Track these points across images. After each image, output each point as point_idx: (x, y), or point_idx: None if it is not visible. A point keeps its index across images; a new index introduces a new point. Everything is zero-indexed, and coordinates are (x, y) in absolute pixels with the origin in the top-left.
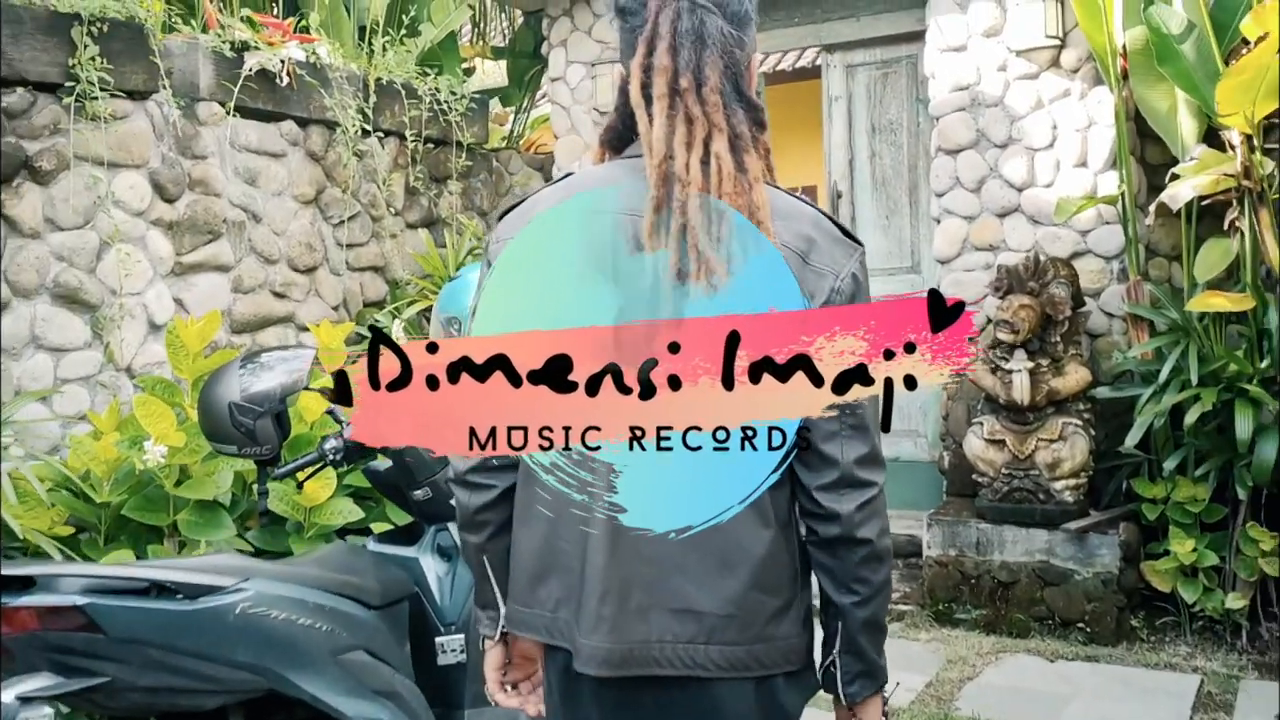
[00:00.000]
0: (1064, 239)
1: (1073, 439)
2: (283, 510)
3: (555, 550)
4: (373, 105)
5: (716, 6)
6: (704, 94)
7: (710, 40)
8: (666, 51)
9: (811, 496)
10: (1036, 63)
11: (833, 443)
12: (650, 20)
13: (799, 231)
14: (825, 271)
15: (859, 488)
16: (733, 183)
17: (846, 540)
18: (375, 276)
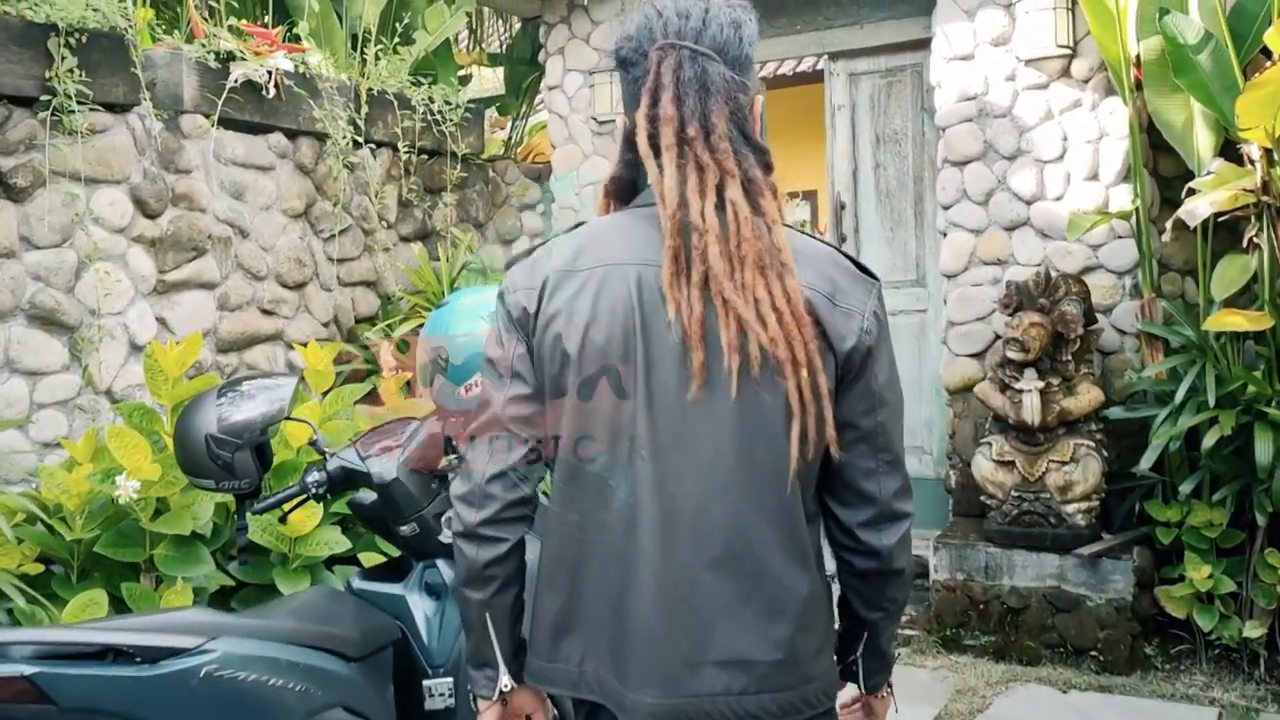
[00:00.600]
0: (1075, 254)
1: (1085, 461)
2: (266, 541)
3: (582, 602)
4: (364, 116)
5: (717, 53)
6: (712, 141)
7: (714, 87)
8: (671, 101)
9: (852, 534)
10: (1046, 72)
11: (870, 480)
12: (652, 70)
13: (822, 272)
14: (853, 311)
15: (897, 520)
16: (750, 227)
17: (883, 572)
18: (368, 291)
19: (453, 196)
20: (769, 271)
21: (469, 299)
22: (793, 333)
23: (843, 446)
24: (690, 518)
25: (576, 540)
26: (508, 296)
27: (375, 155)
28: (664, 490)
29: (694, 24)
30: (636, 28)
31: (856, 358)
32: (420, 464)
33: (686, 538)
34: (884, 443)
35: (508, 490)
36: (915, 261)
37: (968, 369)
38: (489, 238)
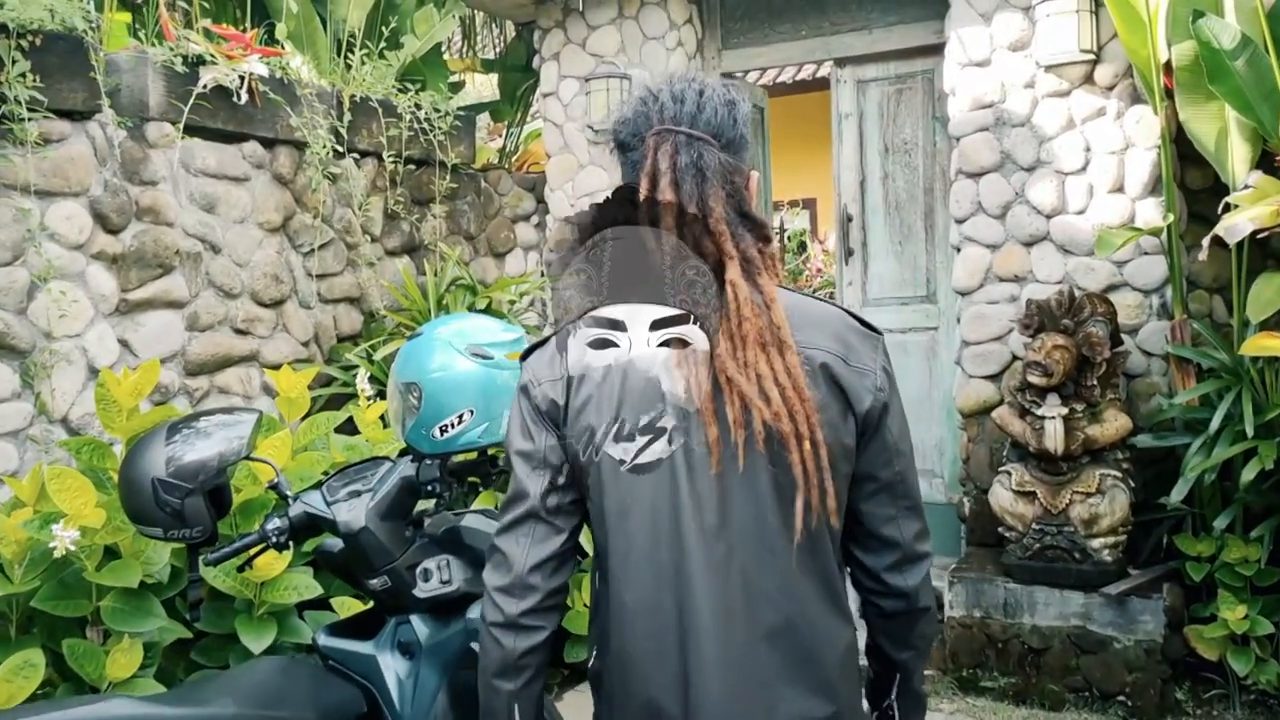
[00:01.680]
0: (1098, 271)
1: (1111, 493)
2: (227, 587)
3: (646, 685)
4: (347, 123)
5: (713, 137)
6: (710, 224)
7: (709, 171)
8: (669, 186)
9: (879, 578)
10: (1068, 79)
11: (891, 526)
12: (649, 156)
13: (834, 334)
14: (866, 370)
15: (919, 561)
16: (750, 307)
17: (910, 612)
18: (351, 309)
19: (442, 208)
20: (769, 348)
21: (445, 329)
22: (795, 407)
23: (865, 498)
24: (742, 591)
25: (632, 628)
26: (533, 390)
27: (359, 165)
28: (714, 565)
29: (689, 108)
30: (633, 112)
31: (874, 414)
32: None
33: (742, 611)
34: (903, 490)
35: (547, 579)
36: (925, 277)
37: (983, 391)
38: (480, 250)
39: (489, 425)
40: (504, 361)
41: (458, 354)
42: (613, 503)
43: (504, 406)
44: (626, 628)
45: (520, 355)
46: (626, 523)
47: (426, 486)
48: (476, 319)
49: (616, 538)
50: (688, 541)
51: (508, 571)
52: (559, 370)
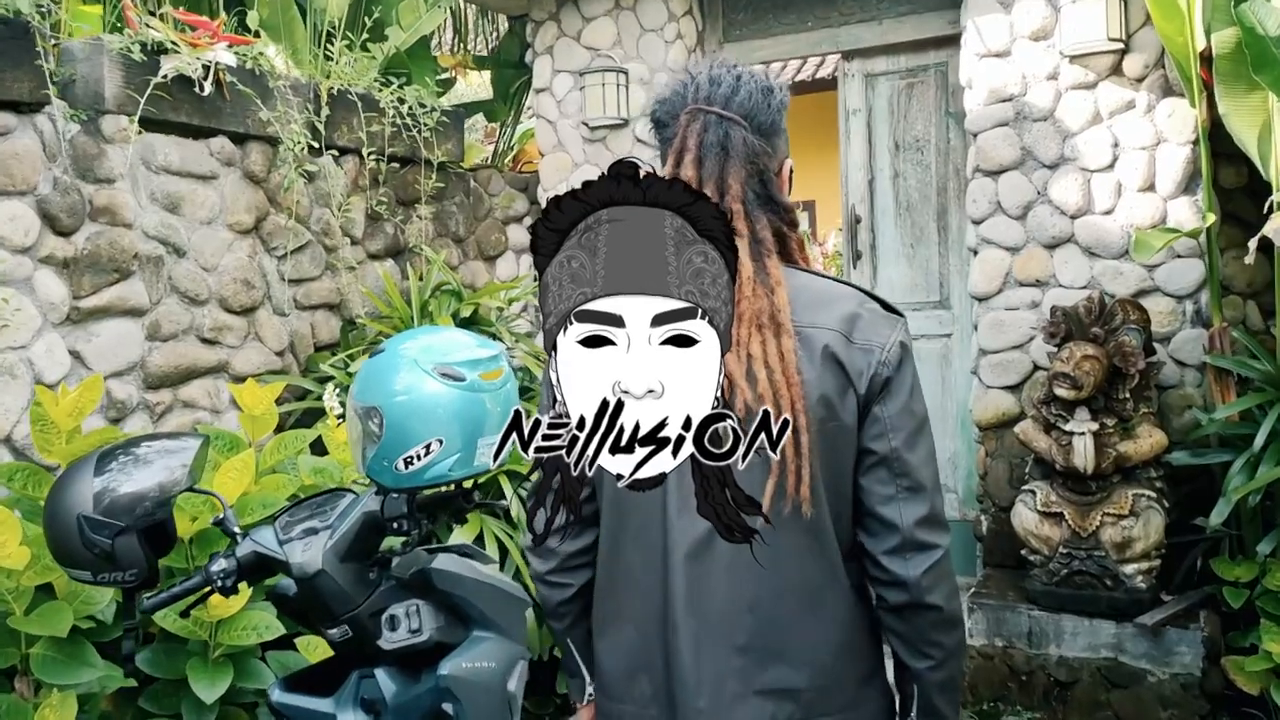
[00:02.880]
0: (1127, 275)
1: (1146, 514)
2: (179, 628)
3: (645, 649)
4: (325, 118)
5: (744, 118)
6: (725, 202)
7: (734, 151)
8: (692, 163)
9: (877, 562)
10: (1094, 70)
11: (889, 506)
12: (679, 133)
13: (841, 313)
14: (871, 346)
15: (922, 550)
16: (752, 286)
17: (915, 606)
18: (330, 315)
19: (428, 209)
20: (765, 330)
21: (411, 346)
22: (781, 390)
23: (863, 472)
24: (718, 564)
25: (625, 593)
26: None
27: (339, 163)
28: (691, 538)
29: (724, 90)
30: (671, 91)
31: (875, 388)
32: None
33: (720, 584)
34: (900, 468)
35: (565, 543)
36: (939, 281)
37: (1002, 402)
38: (470, 253)
39: (461, 456)
40: (478, 383)
41: (425, 374)
42: (610, 478)
43: (479, 434)
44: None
45: None
46: (618, 494)
47: (392, 524)
48: (448, 333)
49: (610, 506)
50: (670, 514)
51: (533, 534)
52: None
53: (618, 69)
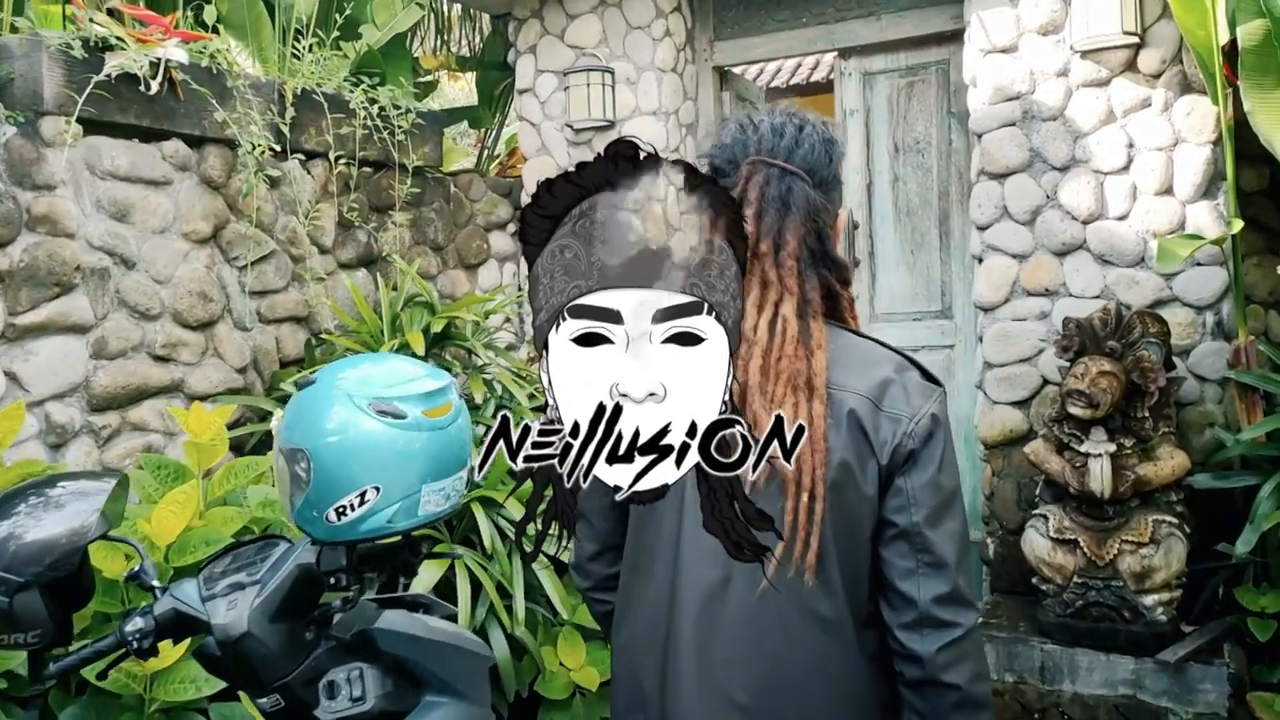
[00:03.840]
0: (1144, 284)
1: (1167, 542)
2: (110, 682)
3: (645, 688)
4: (290, 120)
5: (807, 173)
6: (780, 258)
7: (794, 206)
8: (752, 217)
9: (894, 635)
10: (1107, 66)
11: (909, 581)
12: (741, 183)
13: (875, 379)
14: (900, 416)
15: (940, 628)
16: (794, 346)
17: (932, 683)
18: (297, 329)
19: (405, 216)
20: (799, 392)
21: (347, 377)
22: (804, 455)
23: (884, 543)
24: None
25: (634, 628)
26: None
27: (306, 167)
28: (697, 588)
29: (787, 142)
30: (731, 138)
31: (898, 459)
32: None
33: (719, 634)
34: (921, 544)
35: (603, 567)
36: (940, 290)
37: (1010, 419)
38: (450, 262)
39: (403, 505)
40: (422, 420)
41: (360, 411)
42: (631, 519)
43: (423, 479)
44: (628, 628)
45: None
46: (638, 529)
47: (330, 579)
48: (392, 363)
49: (631, 543)
50: (682, 559)
51: (575, 556)
52: None
53: (603, 68)
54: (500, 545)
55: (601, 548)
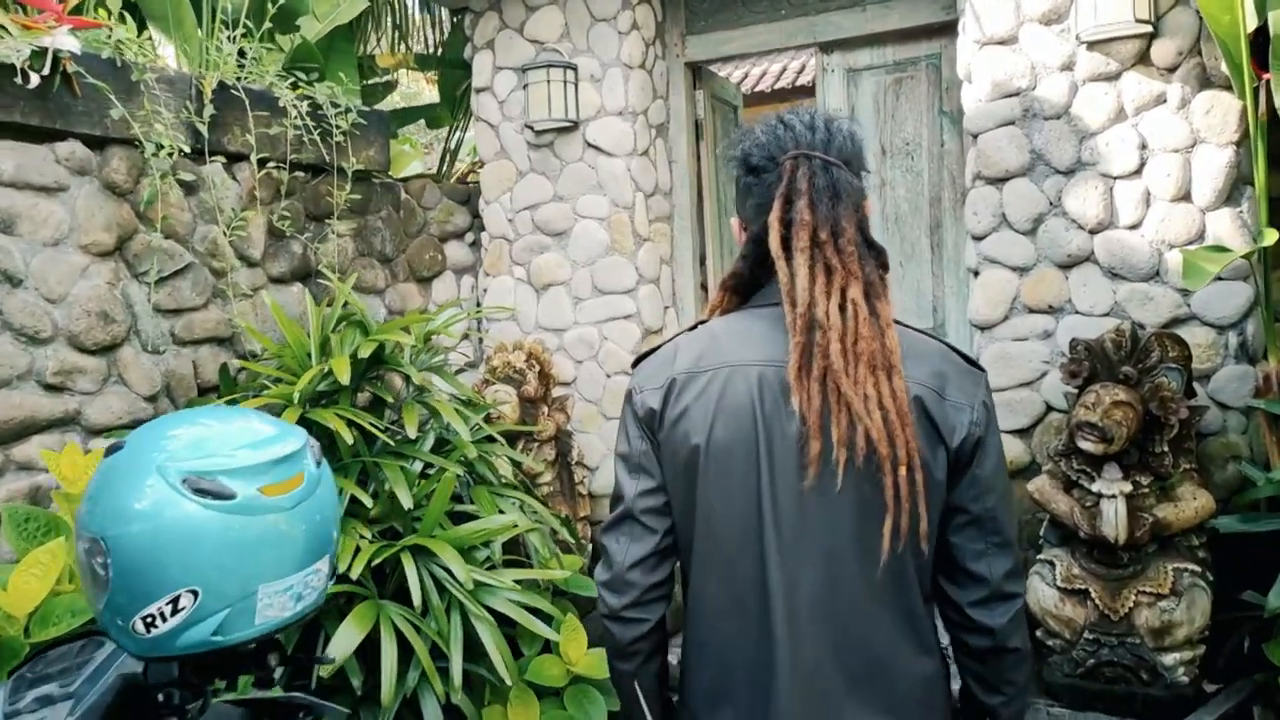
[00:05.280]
0: (1158, 300)
1: (1190, 594)
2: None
3: (732, 679)
4: (209, 118)
5: (844, 162)
6: (841, 244)
7: (844, 194)
8: (807, 207)
9: (963, 612)
10: (1117, 58)
11: (980, 561)
12: (786, 177)
13: (932, 369)
14: (962, 405)
15: (1008, 600)
16: (869, 328)
17: (999, 650)
18: (219, 351)
19: (346, 225)
20: (879, 371)
21: (169, 440)
22: (896, 430)
23: (954, 530)
24: (810, 605)
25: (716, 624)
26: (635, 396)
27: (231, 171)
28: (789, 577)
29: (821, 136)
30: (767, 137)
31: (967, 448)
32: None
33: (810, 625)
34: (993, 526)
35: (646, 575)
36: (932, 305)
37: (1010, 449)
38: (400, 275)
39: (233, 613)
40: (258, 500)
41: (172, 490)
42: (703, 511)
43: (257, 578)
44: (711, 627)
45: (633, 363)
46: (712, 528)
47: (159, 694)
48: (235, 421)
49: (702, 541)
50: (768, 551)
51: (609, 568)
52: (662, 379)
53: (565, 64)
54: (437, 599)
55: (648, 551)
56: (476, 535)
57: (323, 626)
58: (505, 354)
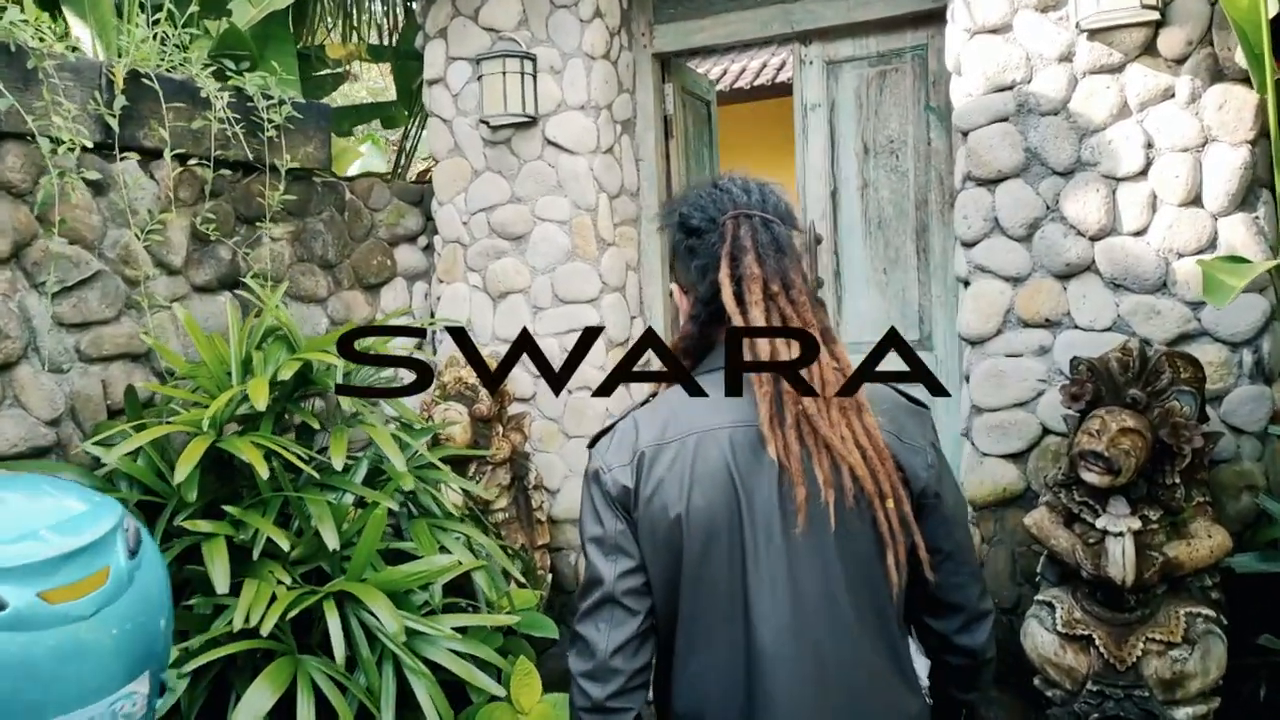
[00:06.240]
0: (1165, 314)
1: (1204, 642)
2: None
3: None
4: (121, 111)
5: (779, 218)
6: (793, 295)
7: (787, 248)
8: (755, 262)
9: (947, 640)
10: (1120, 48)
11: (959, 593)
12: (730, 235)
13: (886, 412)
14: (918, 447)
15: (984, 619)
16: (831, 373)
17: (979, 664)
18: (133, 368)
19: (283, 228)
20: (850, 411)
21: None
22: (876, 466)
23: (933, 568)
24: (811, 659)
25: (705, 691)
26: (604, 476)
27: (148, 170)
28: (784, 635)
29: (756, 197)
30: (704, 200)
31: (930, 490)
32: None
33: (812, 680)
34: (964, 557)
35: (629, 661)
36: (918, 315)
37: (1003, 475)
38: (344, 282)
39: None
40: (36, 611)
41: None
42: (688, 578)
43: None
44: (699, 695)
45: (589, 443)
46: (699, 596)
47: None
48: (32, 500)
49: (689, 611)
50: (757, 610)
51: (591, 657)
52: (629, 454)
53: (523, 54)
54: (367, 651)
55: (631, 635)
56: (413, 578)
57: (233, 686)
58: (457, 369)
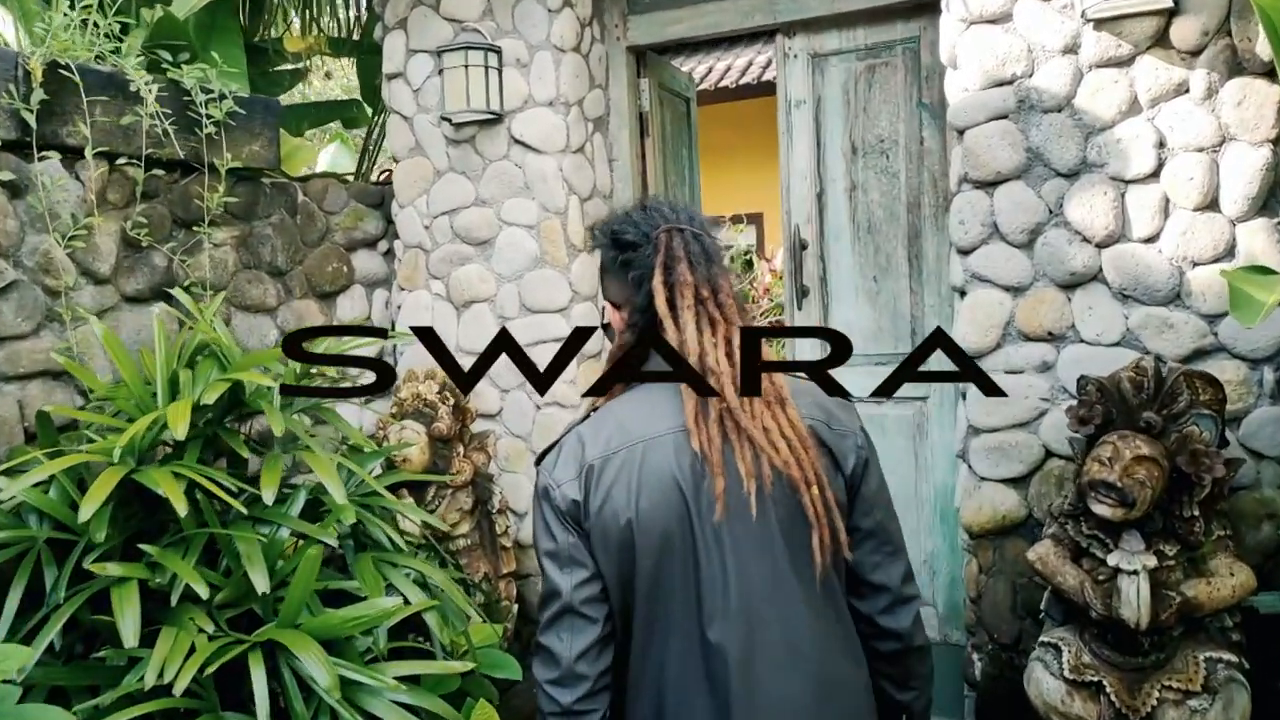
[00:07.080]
0: (1179, 328)
1: (1226, 690)
2: None
3: None
4: (39, 105)
5: (707, 234)
6: (720, 300)
7: (715, 257)
8: (687, 269)
9: (874, 622)
10: (1130, 39)
11: (879, 572)
12: (663, 246)
13: (814, 403)
14: (848, 432)
15: (909, 603)
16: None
17: (907, 650)
18: (54, 387)
19: (226, 232)
20: (773, 405)
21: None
22: (801, 455)
23: (852, 547)
24: (763, 641)
25: (668, 687)
26: (553, 492)
27: (73, 170)
28: (735, 620)
29: (685, 215)
30: (636, 218)
31: (859, 470)
32: None
33: (767, 661)
34: (885, 537)
35: (593, 665)
36: (910, 326)
37: (1002, 501)
38: (296, 290)
39: None
40: None
41: None
42: (642, 580)
43: None
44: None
45: (535, 460)
46: (656, 595)
47: None
48: None
49: (646, 611)
50: (710, 601)
51: (556, 665)
52: (575, 468)
53: (487, 46)
54: (301, 706)
55: (592, 641)
56: (352, 623)
57: None
58: (415, 384)
